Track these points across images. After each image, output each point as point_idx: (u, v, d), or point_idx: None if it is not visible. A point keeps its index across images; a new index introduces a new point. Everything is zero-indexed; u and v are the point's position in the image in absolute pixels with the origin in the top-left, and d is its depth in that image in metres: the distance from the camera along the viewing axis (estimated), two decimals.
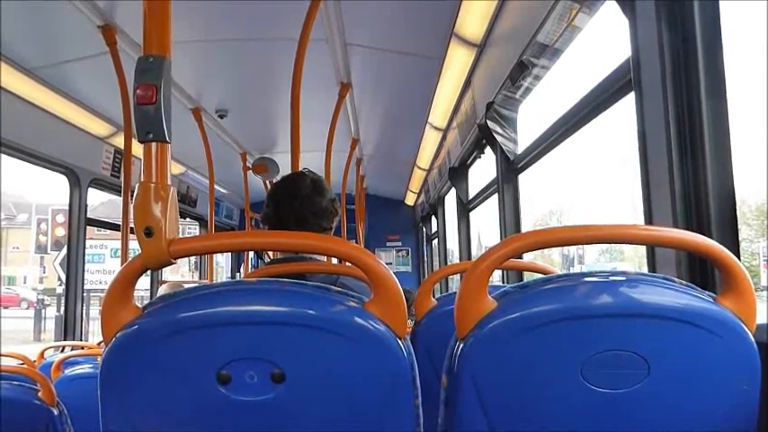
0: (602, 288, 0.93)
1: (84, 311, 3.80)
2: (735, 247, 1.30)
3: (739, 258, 0.98)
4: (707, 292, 0.95)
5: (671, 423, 0.91)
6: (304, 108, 2.56)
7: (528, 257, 2.26)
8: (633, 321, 0.90)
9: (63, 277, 12.05)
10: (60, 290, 14.02)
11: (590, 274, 0.96)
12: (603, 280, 0.94)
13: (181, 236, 0.98)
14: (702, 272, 1.34)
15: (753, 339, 0.91)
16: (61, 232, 13.28)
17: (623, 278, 0.95)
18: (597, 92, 1.89)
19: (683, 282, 0.96)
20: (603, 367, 0.89)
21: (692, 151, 1.36)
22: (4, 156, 3.09)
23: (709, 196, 1.33)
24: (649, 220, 1.48)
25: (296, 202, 1.74)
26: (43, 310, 15.71)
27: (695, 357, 0.90)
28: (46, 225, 13.97)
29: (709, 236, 1.28)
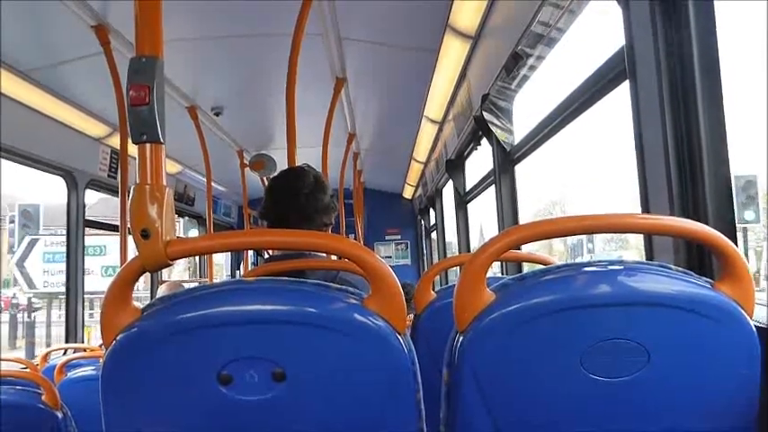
0: (600, 278, 0.93)
1: (79, 315, 3.74)
2: (731, 233, 1.31)
3: (736, 244, 0.98)
4: (704, 278, 0.95)
5: (672, 409, 0.91)
6: (300, 103, 2.55)
7: (530, 248, 2.26)
8: (632, 310, 0.90)
9: (21, 279, 11.35)
10: (24, 296, 13.16)
11: (588, 264, 0.97)
12: (601, 270, 0.94)
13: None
14: (700, 258, 1.35)
15: (751, 324, 0.91)
16: (27, 229, 12.33)
17: (621, 267, 0.95)
18: (592, 81, 1.88)
19: (681, 269, 0.96)
20: (603, 356, 0.89)
21: (688, 138, 1.36)
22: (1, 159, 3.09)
23: (705, 183, 1.32)
24: (646, 208, 1.48)
25: (300, 198, 1.72)
26: (18, 315, 14.40)
27: (694, 343, 0.90)
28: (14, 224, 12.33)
29: (706, 222, 1.28)
